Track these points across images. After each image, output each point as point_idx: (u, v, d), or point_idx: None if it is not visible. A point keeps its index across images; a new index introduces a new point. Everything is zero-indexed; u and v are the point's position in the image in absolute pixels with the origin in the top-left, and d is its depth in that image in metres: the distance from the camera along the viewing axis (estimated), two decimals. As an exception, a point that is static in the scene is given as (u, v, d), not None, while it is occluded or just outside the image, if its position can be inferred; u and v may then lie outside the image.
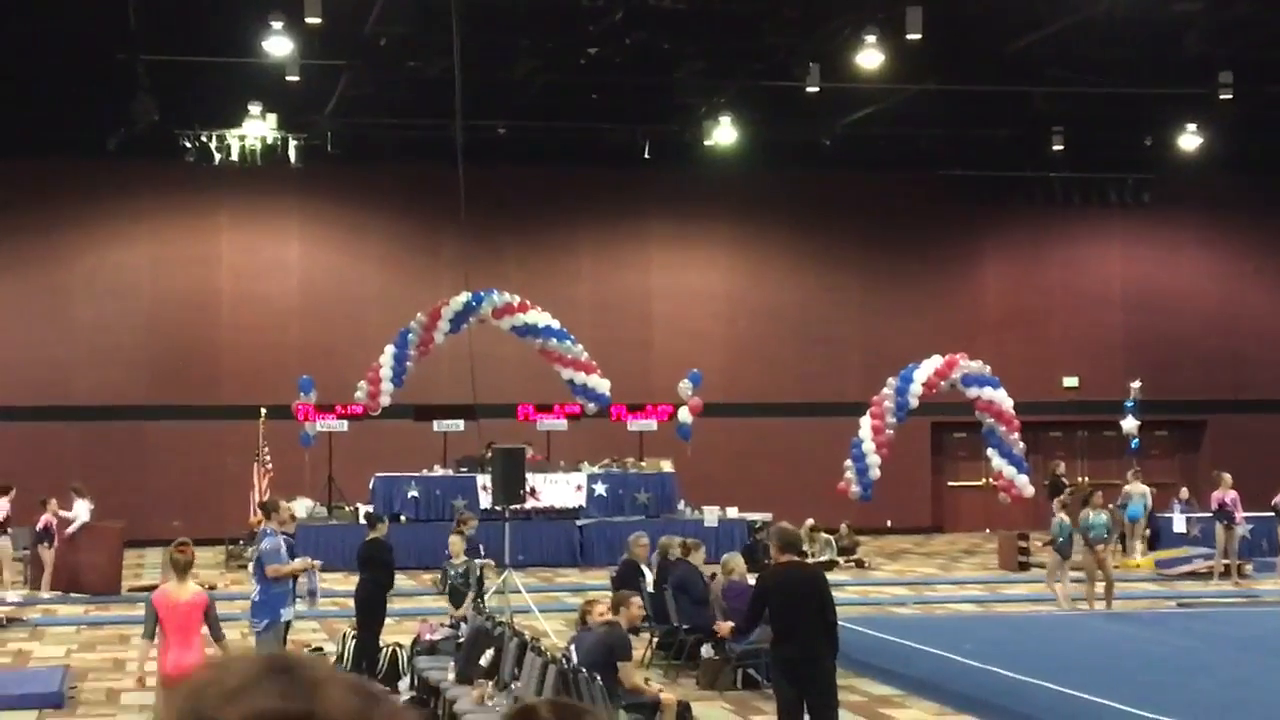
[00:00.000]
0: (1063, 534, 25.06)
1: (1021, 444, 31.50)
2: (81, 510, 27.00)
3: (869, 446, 31.34)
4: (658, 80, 31.28)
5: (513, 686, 13.66)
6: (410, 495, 31.42)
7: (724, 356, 38.02)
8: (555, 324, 32.62)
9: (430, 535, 27.90)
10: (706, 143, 34.52)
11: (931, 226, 39.52)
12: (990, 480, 33.04)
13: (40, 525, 26.46)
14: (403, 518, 29.99)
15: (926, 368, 31.53)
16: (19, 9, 26.32)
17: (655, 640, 19.11)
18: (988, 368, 31.67)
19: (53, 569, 26.41)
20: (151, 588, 26.43)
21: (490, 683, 13.81)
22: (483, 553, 19.97)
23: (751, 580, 18.43)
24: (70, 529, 26.63)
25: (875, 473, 31.27)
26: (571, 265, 38.37)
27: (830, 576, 28.19)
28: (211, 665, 1.90)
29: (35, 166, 35.49)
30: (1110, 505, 28.15)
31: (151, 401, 36.12)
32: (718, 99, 32.48)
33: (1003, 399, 31.30)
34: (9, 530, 26.95)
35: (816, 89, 29.66)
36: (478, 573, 18.67)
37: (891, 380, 31.76)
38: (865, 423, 31.62)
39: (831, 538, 31.81)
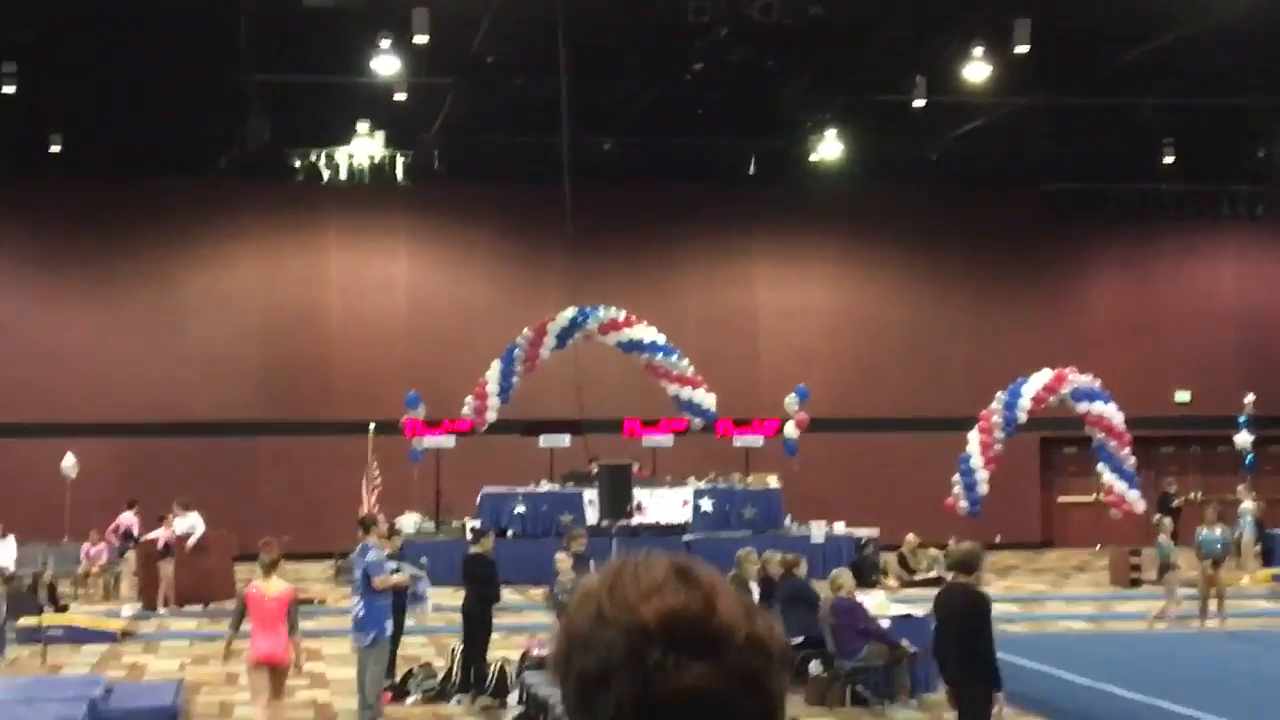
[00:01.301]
0: (1161, 555, 24.86)
1: (1133, 459, 31.15)
2: (196, 523, 27.30)
3: (977, 461, 31.10)
4: (763, 96, 31.22)
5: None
6: (517, 510, 31.51)
7: (830, 371, 37.89)
8: (661, 339, 32.64)
9: (536, 550, 27.94)
10: (812, 158, 34.43)
11: (1040, 240, 39.20)
12: (1100, 496, 32.65)
13: (162, 543, 26.74)
14: (509, 533, 30.09)
15: (1035, 382, 31.26)
16: (132, 31, 26.70)
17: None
18: (1098, 382, 31.35)
19: (172, 584, 26.69)
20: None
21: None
22: (591, 568, 20.00)
23: (859, 597, 18.41)
24: (191, 541, 26.89)
25: (984, 488, 31.03)
26: (677, 281, 38.39)
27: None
28: (626, 565, 2.05)
29: (148, 187, 36.07)
30: (1224, 521, 27.74)
31: (263, 417, 36.55)
32: (824, 114, 32.36)
33: (1113, 414, 30.97)
34: (135, 543, 27.31)
35: (923, 103, 29.51)
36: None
37: (1000, 395, 31.50)
38: (974, 438, 31.39)
39: (940, 554, 31.53)
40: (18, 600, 23.15)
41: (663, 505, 31.74)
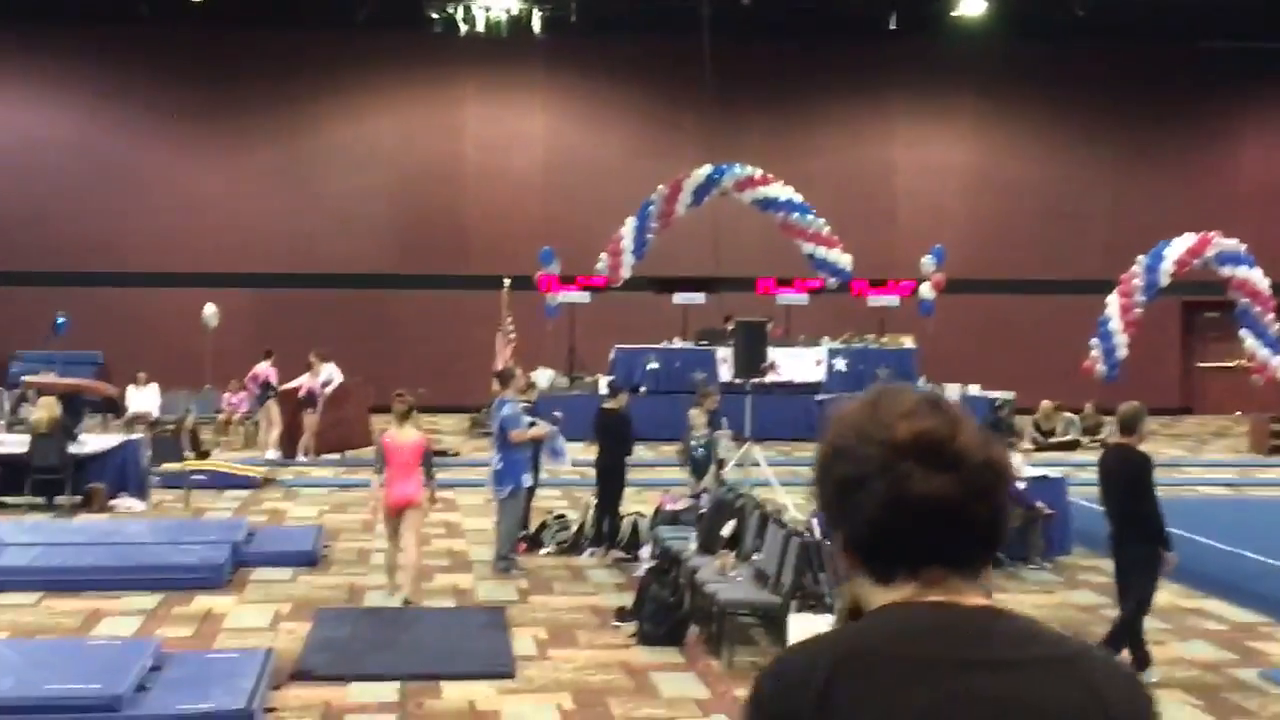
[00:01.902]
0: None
1: (1277, 325, 30.55)
2: (334, 373, 27.62)
3: (1116, 325, 30.67)
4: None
5: (754, 558, 13.70)
6: (650, 367, 31.57)
7: (968, 232, 37.45)
8: (797, 198, 32.34)
9: (669, 407, 28.01)
10: (954, 13, 33.79)
11: (1188, 100, 38.27)
12: (1242, 362, 32.11)
13: (304, 390, 27.09)
14: (642, 389, 30.15)
15: (1179, 245, 30.68)
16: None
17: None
18: (1244, 246, 30.70)
19: (313, 432, 27.08)
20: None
21: (732, 553, 13.87)
22: (724, 426, 19.99)
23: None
24: (329, 390, 27.22)
25: (1122, 352, 30.62)
26: (814, 138, 37.97)
27: (1073, 457, 27.95)
28: (884, 393, 2.47)
29: (286, 38, 36.20)
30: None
31: (397, 271, 36.82)
32: (968, -33, 31.72)
33: (1258, 279, 30.38)
34: (275, 393, 27.73)
35: (1071, -44, 28.80)
36: (719, 445, 18.70)
37: (1141, 258, 30.96)
38: (1113, 300, 30.92)
39: (1075, 418, 31.25)
40: (161, 446, 23.61)
41: (796, 364, 31.66)
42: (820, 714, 2.29)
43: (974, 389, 31.72)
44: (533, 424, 17.26)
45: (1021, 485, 17.83)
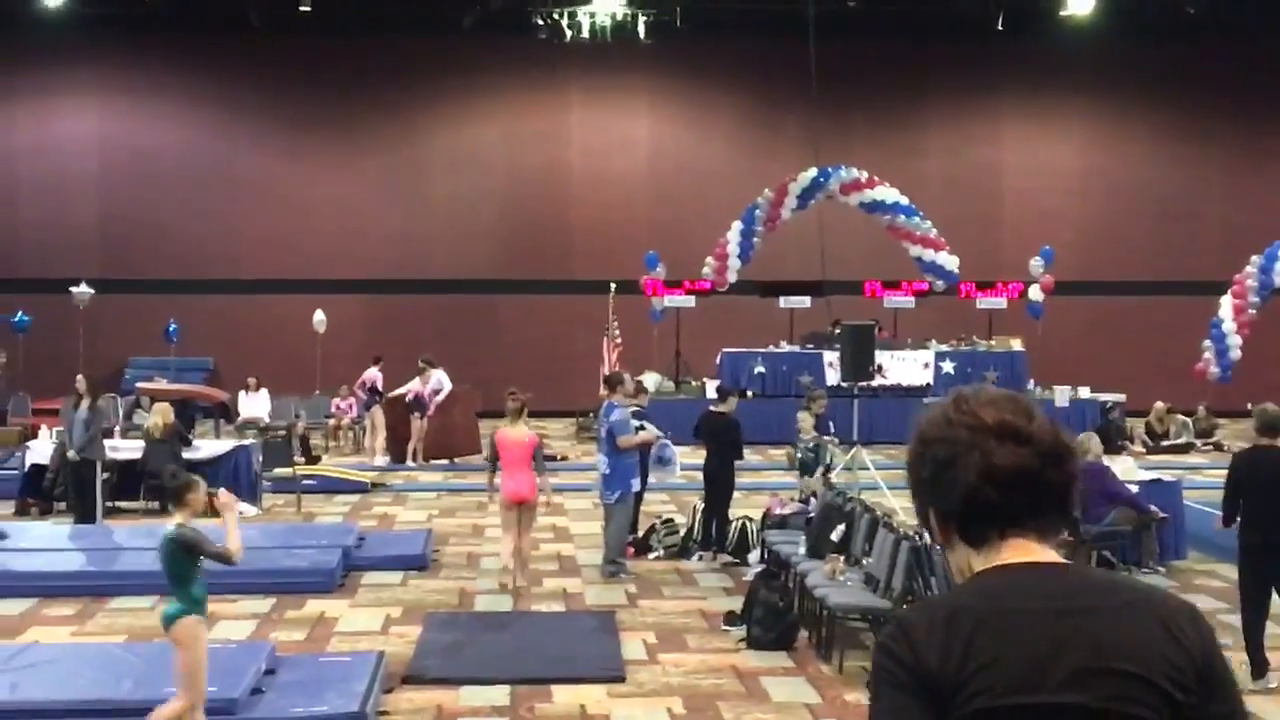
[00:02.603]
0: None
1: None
2: (443, 379, 27.77)
3: (1229, 326, 30.27)
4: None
5: (864, 562, 13.63)
6: (756, 371, 31.50)
7: (1077, 233, 37.09)
8: (904, 200, 32.18)
9: (776, 411, 28.00)
10: (1062, 12, 33.46)
11: (1301, 98, 37.67)
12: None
13: (412, 395, 27.26)
14: (749, 393, 30.09)
15: (1293, 245, 30.25)
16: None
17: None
18: (1360, 246, 30.19)
19: (422, 438, 27.24)
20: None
21: (841, 558, 13.80)
22: (832, 430, 19.91)
23: (1106, 462, 18.04)
24: (439, 398, 27.39)
25: (1235, 353, 30.22)
26: (921, 140, 37.76)
27: (1187, 460, 27.60)
28: (966, 390, 2.98)
29: (393, 45, 36.46)
30: None
31: (504, 276, 36.98)
32: (1076, -33, 31.40)
33: (1374, 279, 29.86)
34: (381, 398, 27.92)
35: (1182, -46, 28.44)
36: (828, 449, 18.62)
37: (1255, 258, 30.56)
38: (1226, 301, 30.54)
39: (1189, 420, 30.84)
40: (272, 451, 23.81)
41: (904, 367, 31.48)
42: (942, 658, 2.71)
43: (1084, 391, 31.47)
44: (641, 429, 17.26)
45: (1135, 489, 17.63)
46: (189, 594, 9.41)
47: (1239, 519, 11.95)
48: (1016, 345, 32.55)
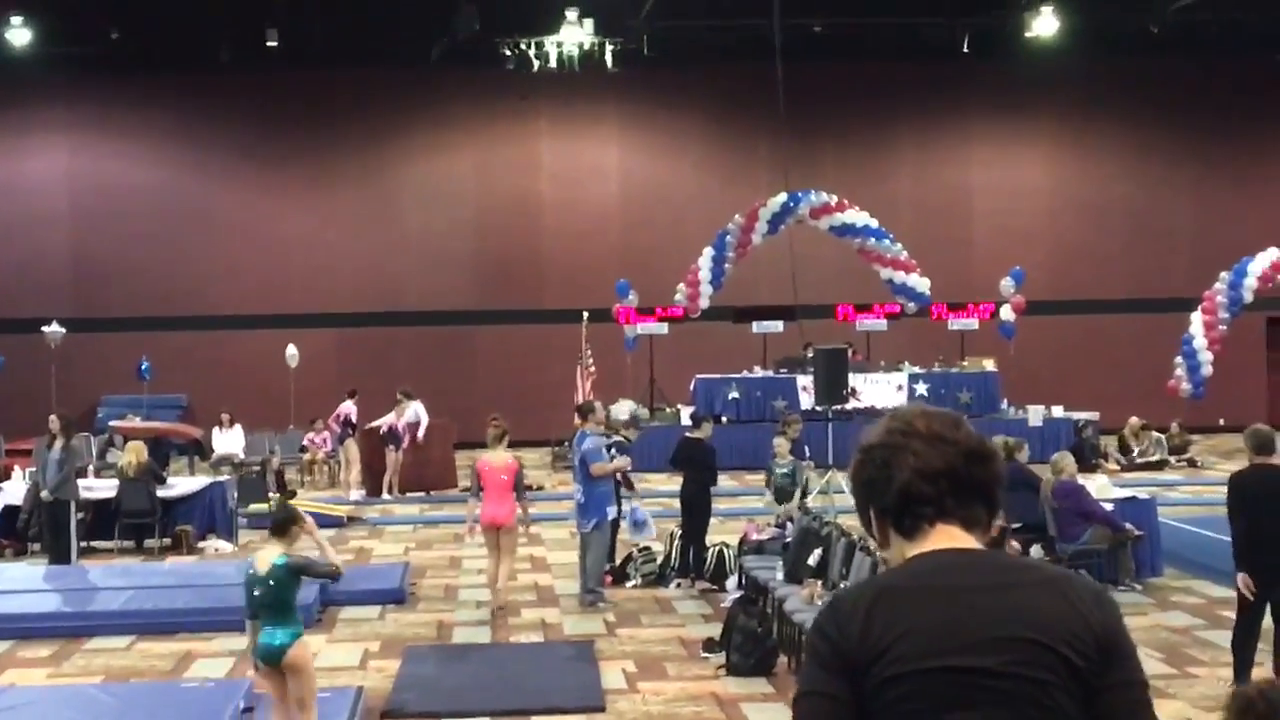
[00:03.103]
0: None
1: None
2: (421, 412, 27.76)
3: (1201, 343, 30.41)
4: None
5: (842, 585, 13.63)
6: (731, 396, 31.53)
7: (1047, 253, 37.22)
8: (874, 223, 32.28)
9: (751, 436, 28.02)
10: (1028, 34, 33.63)
11: (1268, 113, 37.86)
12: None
13: (385, 428, 27.23)
14: (724, 419, 30.10)
15: (1262, 260, 30.45)
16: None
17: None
18: (1328, 260, 30.34)
19: (397, 470, 27.19)
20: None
21: (819, 582, 13.80)
22: (807, 454, 19.92)
23: (1081, 481, 18.08)
24: (420, 432, 27.39)
25: (1207, 370, 30.35)
26: (890, 163, 37.90)
27: (1161, 476, 27.69)
28: (900, 408, 3.36)
29: (362, 78, 36.48)
30: None
31: (478, 306, 36.98)
32: (1040, -12, 31.55)
33: (1344, 292, 30.01)
34: (354, 432, 27.87)
35: (1145, -27, 28.59)
36: (804, 473, 18.64)
37: (1224, 274, 30.72)
38: (1196, 318, 30.68)
39: (1162, 437, 30.94)
40: (247, 486, 23.77)
41: (877, 390, 31.48)
42: (864, 632, 3.05)
43: (1057, 410, 31.55)
44: (613, 457, 17.26)
45: (1110, 507, 17.67)
46: (297, 619, 10.02)
47: (1244, 538, 11.71)
48: (989, 366, 32.61)
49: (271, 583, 9.85)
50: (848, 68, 36.63)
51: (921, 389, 31.82)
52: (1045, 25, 32.90)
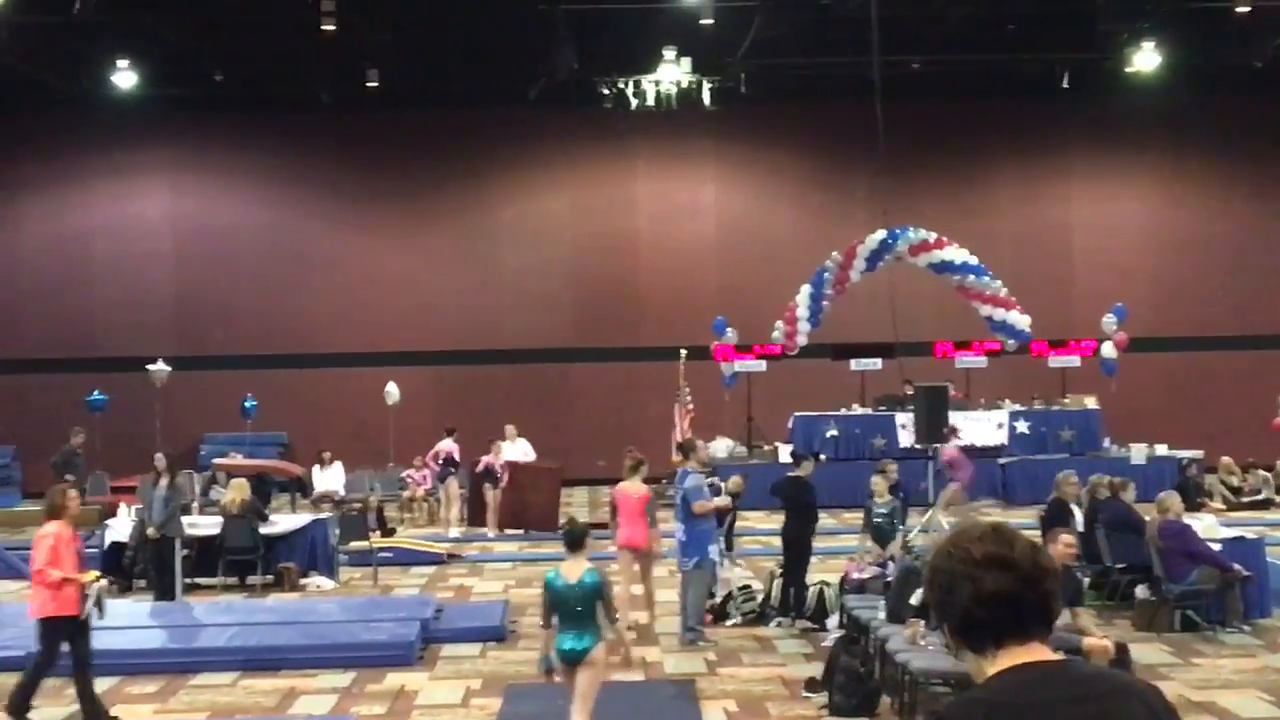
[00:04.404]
0: None
1: None
2: (527, 449, 28.02)
3: (1307, 380, 29.96)
4: (1077, 7, 30.32)
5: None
6: (829, 434, 31.40)
7: (1149, 289, 36.84)
8: (973, 260, 32.06)
9: (850, 474, 27.84)
10: (1128, 70, 33.35)
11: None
12: None
13: (482, 466, 27.35)
14: (822, 456, 29.93)
15: (1370, 296, 29.97)
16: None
17: (1087, 581, 18.61)
18: None
19: (496, 508, 27.27)
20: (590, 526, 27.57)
21: (921, 622, 13.69)
22: (904, 496, 19.77)
23: (1187, 520, 17.85)
24: (528, 458, 27.61)
25: (1313, 407, 29.90)
26: (989, 200, 37.71)
27: (1268, 516, 27.25)
28: (964, 528, 3.59)
29: (460, 118, 36.78)
30: None
31: (575, 344, 37.09)
32: (1140, 24, 31.29)
33: None
34: (455, 469, 28.01)
35: (1248, 9, 28.35)
36: (903, 512, 18.51)
37: (1332, 310, 30.28)
38: (1302, 354, 30.25)
39: (1269, 475, 30.47)
40: (348, 524, 23.90)
41: (977, 428, 31.27)
42: None
43: (1161, 448, 31.16)
44: (716, 495, 17.28)
45: (1217, 547, 17.43)
46: (597, 625, 10.95)
47: None
48: (1091, 403, 32.31)
49: (582, 593, 10.86)
50: (946, 105, 36.50)
51: (1022, 427, 31.58)
52: (1146, 60, 32.64)
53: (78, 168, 37.40)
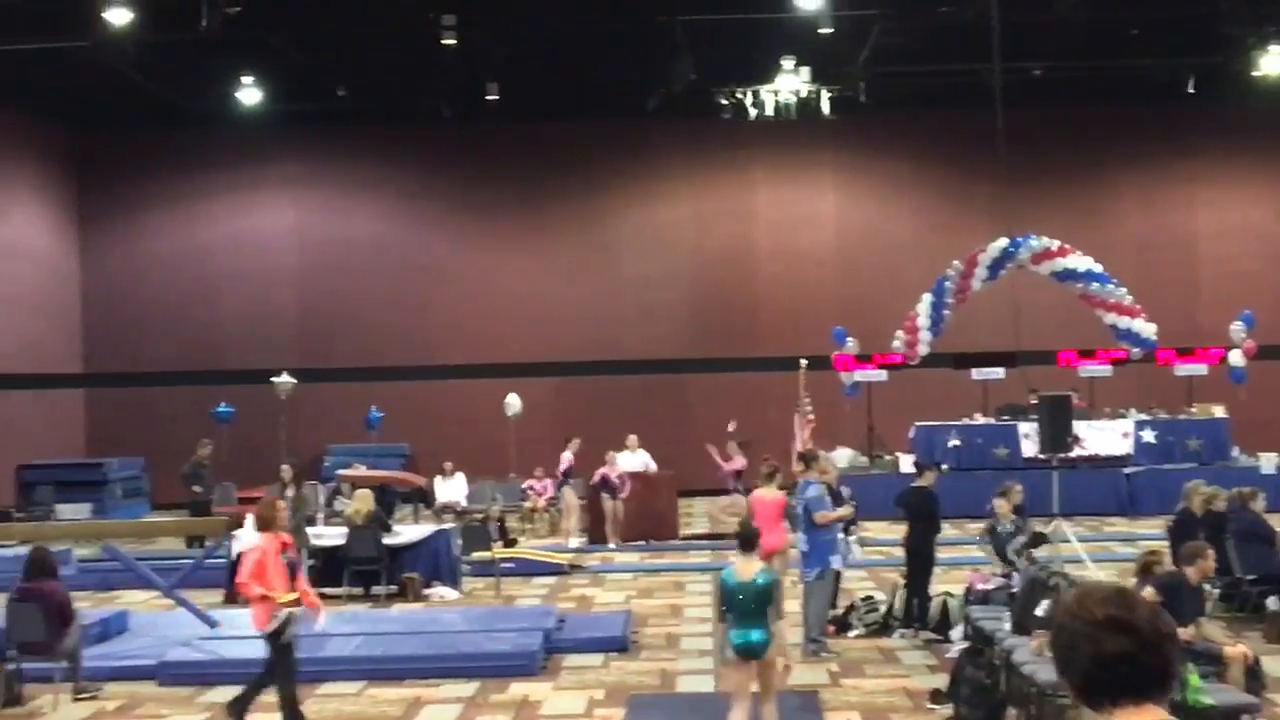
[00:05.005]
0: None
1: None
2: (648, 460, 28.14)
3: None
4: (1200, 10, 29.89)
5: (1055, 636, 13.32)
6: (951, 444, 31.16)
7: (1278, 296, 36.21)
8: (1097, 267, 31.68)
9: (972, 484, 27.60)
10: (1255, 74, 32.83)
11: None
12: None
13: (598, 477, 27.46)
14: (944, 466, 29.73)
15: None
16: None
17: (1217, 593, 18.33)
18: None
19: (618, 519, 27.35)
20: (704, 536, 27.54)
21: (1047, 633, 13.55)
22: (1024, 512, 19.48)
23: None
24: (650, 468, 27.75)
25: None
26: (1112, 206, 37.29)
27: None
28: (1089, 590, 3.71)
29: (580, 130, 36.98)
30: None
31: (694, 355, 37.12)
32: (1268, 27, 30.79)
33: None
34: (572, 479, 28.14)
35: (1377, 9, 27.77)
36: (1027, 529, 18.29)
37: None
38: None
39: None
40: (471, 535, 24.07)
41: (1102, 437, 30.92)
42: None
43: (1291, 458, 30.63)
44: (838, 505, 17.23)
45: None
46: (768, 621, 11.52)
47: None
48: (1219, 412, 31.82)
49: (755, 592, 11.44)
50: (1069, 110, 36.19)
51: (1148, 436, 31.16)
52: (1274, 64, 32.11)
53: (203, 184, 38.00)
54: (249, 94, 33.59)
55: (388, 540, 21.77)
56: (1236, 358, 31.79)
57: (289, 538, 13.58)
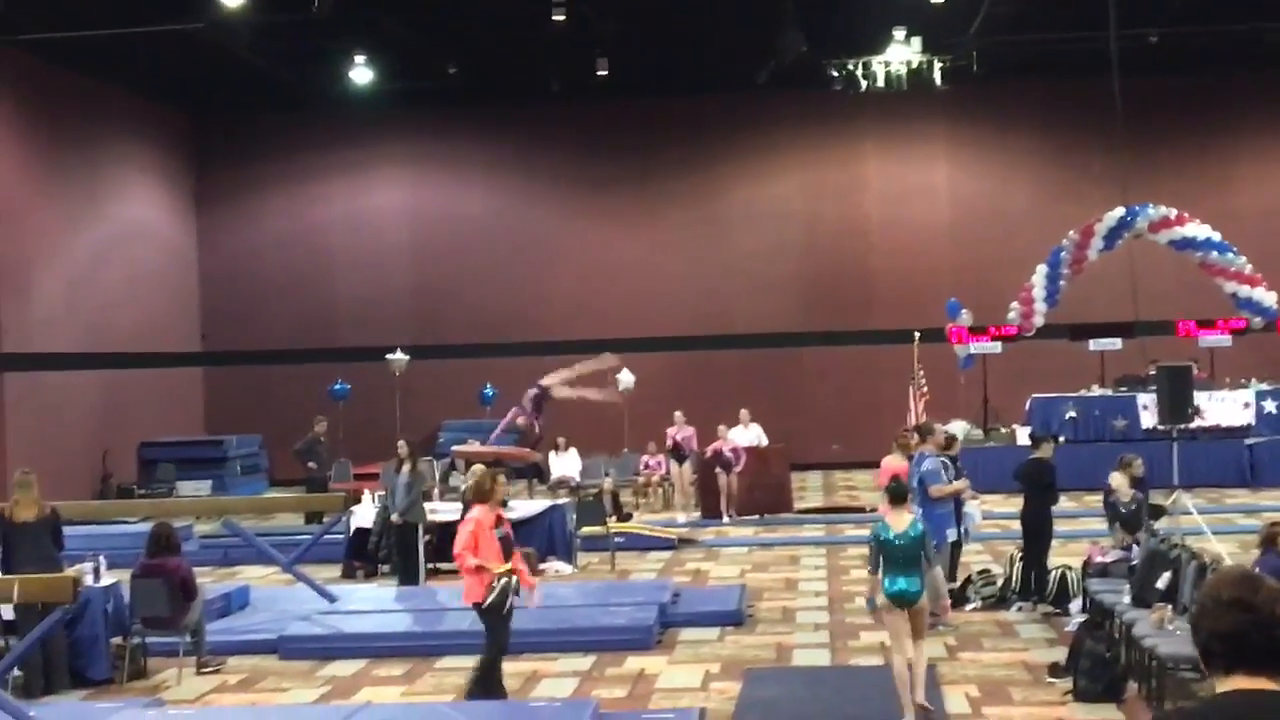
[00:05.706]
0: None
1: None
2: (760, 435, 28.08)
3: None
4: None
5: (1192, 610, 13.17)
6: (1068, 416, 30.83)
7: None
8: (1216, 236, 31.23)
9: (1090, 456, 27.32)
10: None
11: None
12: None
13: (710, 452, 27.45)
14: (1061, 438, 29.43)
15: None
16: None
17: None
18: None
19: (731, 493, 27.36)
20: (818, 510, 27.47)
21: (1168, 606, 13.39)
22: (1147, 487, 19.19)
23: None
24: (762, 442, 27.73)
25: None
26: (1231, 173, 36.67)
27: None
28: (1224, 572, 4.04)
29: (690, 103, 36.93)
30: None
31: (806, 328, 36.98)
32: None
33: None
34: (688, 454, 28.16)
35: None
36: (1146, 502, 18.04)
37: None
38: None
39: None
40: (584, 510, 24.13)
41: (1223, 408, 30.46)
42: None
43: None
44: (954, 478, 17.10)
45: None
46: (921, 571, 12.30)
47: None
48: (1343, 381, 31.26)
49: (909, 542, 12.13)
50: (1186, 76, 35.64)
51: (1270, 406, 30.65)
52: (1398, 24, 31.46)
53: (317, 164, 38.35)
54: (361, 74, 33.83)
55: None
56: (1360, 326, 31.20)
57: (503, 511, 13.50)
